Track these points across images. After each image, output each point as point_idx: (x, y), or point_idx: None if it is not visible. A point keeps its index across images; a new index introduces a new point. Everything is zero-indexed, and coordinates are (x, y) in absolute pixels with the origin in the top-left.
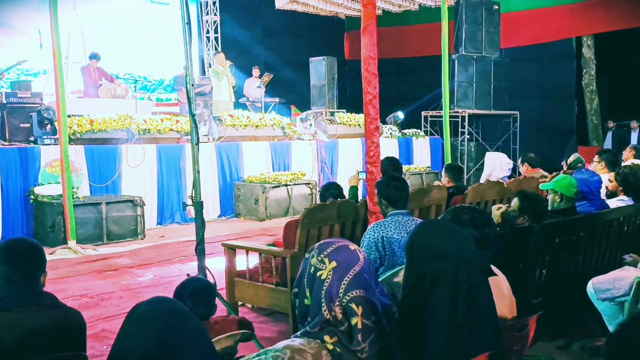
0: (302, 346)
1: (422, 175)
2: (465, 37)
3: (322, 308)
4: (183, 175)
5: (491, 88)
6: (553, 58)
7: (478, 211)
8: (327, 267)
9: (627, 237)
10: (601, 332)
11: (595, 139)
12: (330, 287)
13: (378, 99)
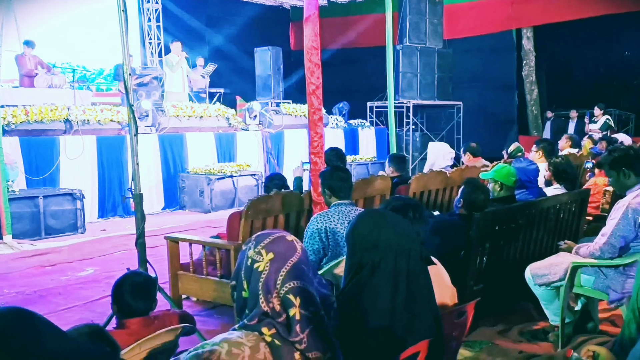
0: (239, 339)
1: (368, 165)
2: (409, 29)
3: (260, 300)
4: (125, 167)
5: (435, 79)
6: (494, 50)
7: (416, 205)
8: (264, 259)
9: (563, 224)
10: (539, 316)
11: (535, 129)
12: (267, 279)
13: (321, 90)
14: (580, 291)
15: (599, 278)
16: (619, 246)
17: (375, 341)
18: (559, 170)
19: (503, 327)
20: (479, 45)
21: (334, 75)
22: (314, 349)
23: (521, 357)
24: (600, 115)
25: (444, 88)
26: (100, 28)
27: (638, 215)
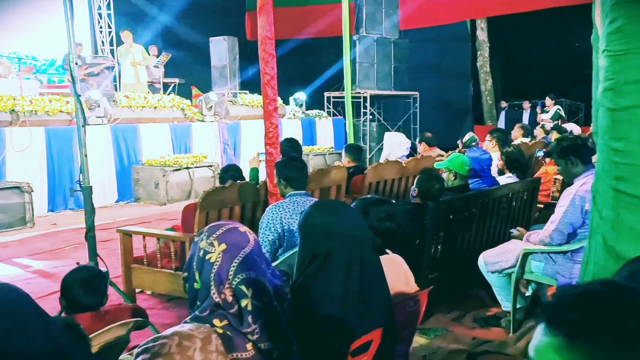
0: (190, 331)
1: (326, 155)
2: (365, 19)
3: (212, 291)
4: (75, 159)
5: (392, 69)
6: (450, 40)
7: (383, 203)
8: (216, 250)
9: (515, 212)
10: (491, 302)
11: (490, 119)
12: (219, 270)
13: (276, 80)
14: (530, 277)
15: (548, 264)
16: (567, 233)
17: (328, 330)
18: (511, 160)
19: (457, 314)
20: (435, 36)
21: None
22: (267, 340)
23: (474, 343)
24: (552, 105)
25: (400, 78)
26: (51, 17)
27: (585, 202)
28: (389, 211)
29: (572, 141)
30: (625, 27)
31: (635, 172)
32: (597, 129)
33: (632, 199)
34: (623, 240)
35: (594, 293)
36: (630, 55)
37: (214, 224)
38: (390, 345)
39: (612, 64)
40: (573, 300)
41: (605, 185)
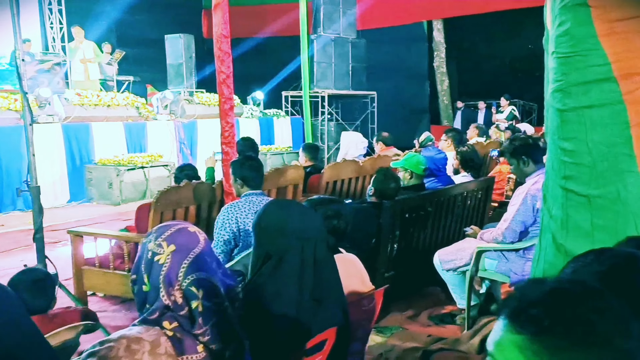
0: (139, 334)
1: (284, 155)
2: (323, 18)
3: (161, 293)
4: (24, 158)
5: (349, 69)
6: (407, 41)
7: (329, 202)
8: (165, 251)
9: (470, 210)
10: (447, 300)
11: (446, 119)
12: (169, 272)
13: (232, 79)
14: (484, 275)
15: (501, 262)
16: (519, 231)
17: (282, 330)
18: (466, 159)
19: (413, 312)
20: (392, 36)
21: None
22: (218, 341)
23: (429, 341)
24: (506, 105)
25: (358, 78)
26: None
27: (536, 201)
28: (336, 210)
29: (524, 141)
30: (572, 30)
31: (583, 172)
32: (548, 129)
33: (579, 197)
34: (571, 237)
35: (562, 293)
36: (578, 57)
37: (163, 224)
38: (344, 344)
39: (560, 66)
40: (540, 299)
41: (555, 184)
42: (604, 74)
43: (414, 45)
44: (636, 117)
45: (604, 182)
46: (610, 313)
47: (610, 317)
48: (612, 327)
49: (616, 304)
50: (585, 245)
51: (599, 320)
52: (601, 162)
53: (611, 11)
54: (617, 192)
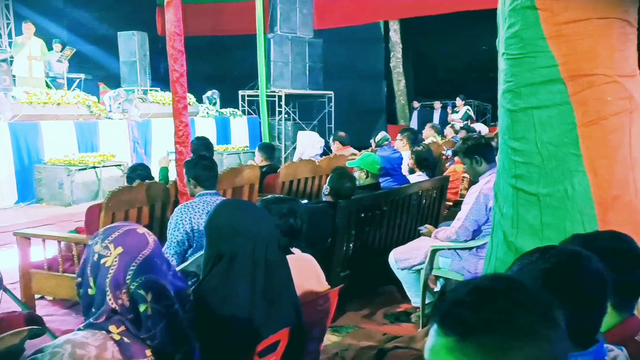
0: (84, 339)
1: (240, 154)
2: (280, 17)
3: (108, 297)
4: None
5: (306, 68)
6: (363, 41)
7: (284, 201)
8: (112, 254)
9: (425, 209)
10: (402, 299)
11: (403, 118)
12: (116, 274)
13: (186, 77)
14: (439, 273)
15: (455, 260)
16: (472, 229)
17: (234, 332)
18: (421, 158)
19: (369, 310)
20: (349, 37)
21: (204, 63)
22: (167, 344)
23: (385, 339)
24: (462, 105)
25: (315, 78)
26: None
27: (489, 200)
28: (292, 208)
29: (477, 140)
30: (521, 32)
31: (532, 171)
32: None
33: (529, 196)
34: (521, 235)
35: (483, 290)
36: (527, 59)
37: (110, 225)
38: (299, 344)
39: (510, 67)
40: (463, 299)
41: (505, 183)
42: (552, 75)
43: (371, 46)
44: (583, 118)
45: (552, 181)
46: (531, 304)
47: (531, 308)
48: (534, 318)
49: (537, 294)
50: (534, 243)
51: (520, 312)
52: (550, 161)
53: (558, 14)
54: (565, 190)
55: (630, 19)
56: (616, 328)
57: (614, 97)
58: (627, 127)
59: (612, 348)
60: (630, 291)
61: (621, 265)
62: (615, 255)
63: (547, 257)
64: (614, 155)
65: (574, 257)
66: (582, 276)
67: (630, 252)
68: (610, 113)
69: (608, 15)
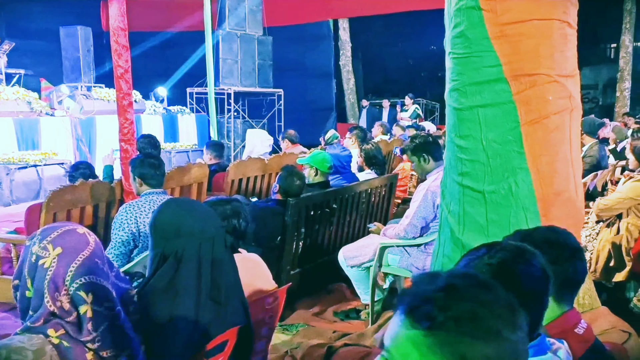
0: (21, 344)
1: (189, 153)
2: (228, 14)
3: (46, 299)
4: None
5: (256, 66)
6: (313, 39)
7: (227, 202)
8: (50, 254)
9: (374, 207)
10: (352, 296)
11: (353, 117)
12: (54, 276)
13: (131, 73)
14: (387, 270)
15: (403, 257)
16: (420, 226)
17: (180, 333)
18: (370, 156)
19: (319, 308)
20: (299, 34)
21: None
22: (110, 347)
23: (335, 337)
24: (410, 104)
25: (264, 75)
26: None
27: (436, 197)
28: (235, 209)
29: (424, 139)
30: (467, 31)
31: (478, 168)
32: None
33: (475, 193)
34: (468, 232)
35: (453, 288)
36: (473, 58)
37: (48, 226)
38: (247, 343)
39: (456, 66)
40: (433, 294)
41: (452, 181)
42: (496, 74)
43: (320, 44)
44: (525, 116)
45: (497, 178)
46: (498, 306)
47: (498, 310)
48: (500, 320)
49: (504, 296)
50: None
51: (487, 313)
52: (495, 159)
53: (501, 15)
54: (509, 187)
55: (570, 21)
56: (557, 321)
57: (555, 97)
58: (568, 126)
59: (553, 341)
60: (567, 283)
61: (558, 258)
62: (552, 247)
63: (492, 253)
64: (555, 152)
65: (518, 253)
66: (526, 271)
67: (566, 245)
68: (552, 112)
69: (549, 17)
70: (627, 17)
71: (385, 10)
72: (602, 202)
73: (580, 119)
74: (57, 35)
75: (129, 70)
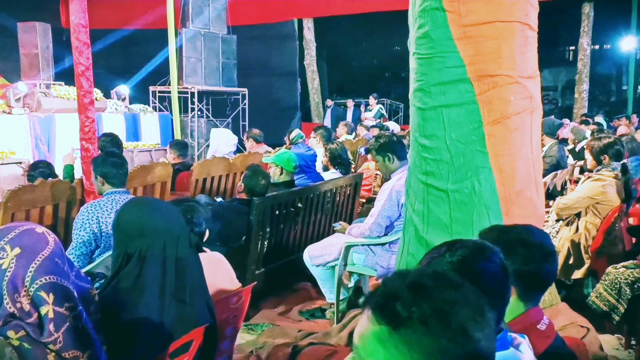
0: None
1: (151, 152)
2: (192, 12)
3: (5, 301)
4: None
5: (220, 65)
6: (278, 38)
7: (183, 202)
8: (9, 255)
9: (339, 206)
10: (317, 295)
11: (317, 116)
12: (13, 277)
13: (92, 71)
14: (352, 269)
15: (368, 256)
16: (385, 225)
17: (144, 333)
18: (335, 156)
19: (284, 307)
20: (263, 33)
21: (114, 57)
22: (71, 348)
23: (300, 336)
24: (375, 104)
25: (229, 74)
26: None
27: (401, 196)
28: (188, 208)
29: (389, 138)
30: (431, 32)
31: (442, 167)
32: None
33: (439, 192)
34: (432, 230)
35: (421, 286)
36: (437, 58)
37: (5, 226)
38: (212, 343)
39: (421, 66)
40: (401, 292)
41: (416, 180)
42: (460, 75)
43: (285, 43)
44: (488, 117)
45: (461, 177)
46: (464, 305)
47: (465, 309)
48: (466, 319)
49: (472, 295)
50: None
51: (453, 312)
52: (458, 158)
53: (465, 16)
54: (472, 186)
55: (531, 23)
56: (520, 318)
57: (516, 97)
58: (529, 126)
59: (515, 336)
60: (535, 284)
61: (530, 258)
62: (525, 247)
63: (453, 251)
64: (516, 152)
65: (478, 250)
66: (486, 267)
67: (540, 247)
68: (513, 112)
69: (510, 19)
70: (585, 21)
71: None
72: (561, 201)
73: (540, 119)
74: (15, 31)
75: (90, 67)
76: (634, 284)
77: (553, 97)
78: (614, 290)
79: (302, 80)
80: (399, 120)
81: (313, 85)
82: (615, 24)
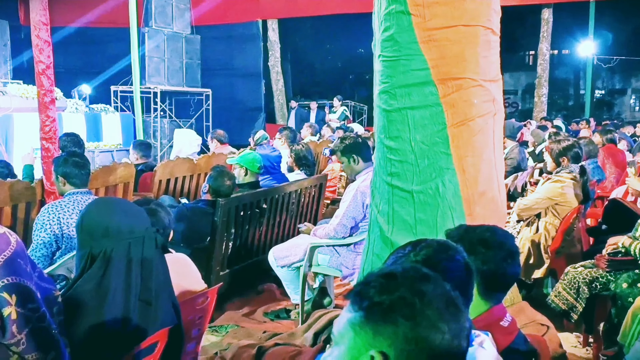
0: None
1: (113, 152)
2: (155, 12)
3: None
4: None
5: (183, 65)
6: (242, 39)
7: (143, 204)
8: None
9: (304, 207)
10: (282, 296)
11: (282, 117)
12: None
13: (53, 70)
14: (318, 270)
15: (333, 256)
16: (350, 226)
17: (108, 335)
18: (300, 157)
19: (249, 309)
20: (227, 34)
21: (74, 56)
22: (34, 350)
23: (265, 337)
24: (339, 106)
25: (192, 74)
26: None
27: (365, 197)
28: (152, 209)
29: (354, 140)
30: (396, 35)
31: (407, 169)
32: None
33: (404, 193)
34: (397, 231)
35: (394, 275)
36: (402, 61)
37: None
38: (177, 345)
39: (386, 69)
40: (374, 280)
41: (382, 181)
42: (424, 77)
43: (249, 44)
44: (452, 119)
45: (425, 179)
46: (433, 297)
47: (434, 300)
48: (434, 310)
49: (442, 289)
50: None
51: (422, 302)
52: (422, 159)
53: (429, 20)
54: (436, 187)
55: (494, 28)
56: (483, 315)
57: (479, 100)
58: (491, 128)
59: (478, 333)
60: (498, 283)
61: (489, 258)
62: (488, 247)
63: (417, 250)
64: (480, 154)
65: (442, 249)
66: (450, 266)
67: (502, 246)
68: (476, 115)
69: (474, 23)
70: (545, 26)
71: (314, 12)
72: (522, 202)
73: (502, 122)
74: None
75: (50, 66)
76: (592, 283)
77: (514, 101)
78: (572, 290)
79: (267, 81)
80: (362, 122)
81: (277, 86)
82: (573, 30)
